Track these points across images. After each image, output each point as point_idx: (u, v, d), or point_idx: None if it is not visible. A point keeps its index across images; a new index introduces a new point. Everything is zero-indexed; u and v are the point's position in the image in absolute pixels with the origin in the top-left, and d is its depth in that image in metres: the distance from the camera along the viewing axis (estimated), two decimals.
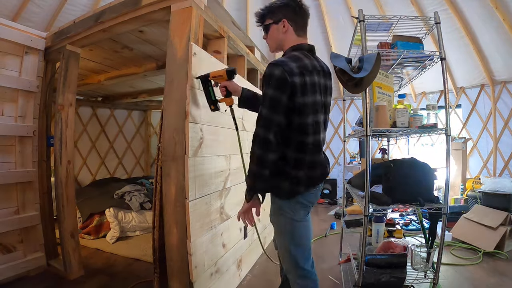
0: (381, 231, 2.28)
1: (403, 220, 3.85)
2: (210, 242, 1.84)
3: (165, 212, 1.68)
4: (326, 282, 2.33)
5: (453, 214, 3.50)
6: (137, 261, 2.74)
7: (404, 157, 2.32)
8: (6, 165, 2.24)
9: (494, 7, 3.80)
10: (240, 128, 2.34)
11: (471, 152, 4.98)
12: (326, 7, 5.16)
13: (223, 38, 2.24)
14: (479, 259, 2.67)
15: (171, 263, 1.67)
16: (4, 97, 2.24)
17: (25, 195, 2.36)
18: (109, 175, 5.54)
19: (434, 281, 1.81)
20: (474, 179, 4.41)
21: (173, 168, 1.64)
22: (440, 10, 4.06)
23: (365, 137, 1.78)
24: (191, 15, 1.70)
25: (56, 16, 4.16)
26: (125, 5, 1.94)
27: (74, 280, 2.32)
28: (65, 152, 2.33)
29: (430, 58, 2.03)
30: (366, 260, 1.85)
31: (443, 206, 1.74)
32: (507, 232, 2.80)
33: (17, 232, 2.29)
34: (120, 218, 3.37)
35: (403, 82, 2.60)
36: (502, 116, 4.65)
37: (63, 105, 2.34)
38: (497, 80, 4.69)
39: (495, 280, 2.28)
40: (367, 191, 1.73)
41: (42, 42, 2.45)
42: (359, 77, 1.58)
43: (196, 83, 1.70)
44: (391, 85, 2.10)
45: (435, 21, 1.89)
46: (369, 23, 1.98)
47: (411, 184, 1.80)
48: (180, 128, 1.63)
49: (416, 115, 1.85)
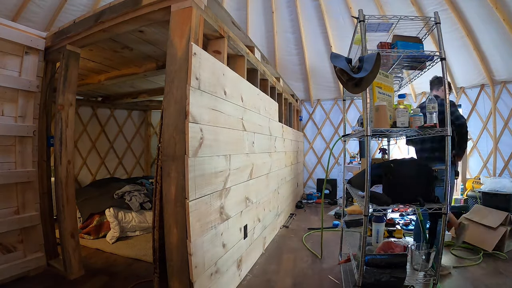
0: (381, 231, 2.28)
1: (403, 220, 3.85)
2: (210, 242, 1.84)
3: (165, 212, 1.68)
4: (326, 282, 2.33)
5: (453, 214, 3.49)
6: (137, 261, 2.74)
7: (404, 157, 2.32)
8: (6, 165, 2.24)
9: (494, 7, 3.80)
10: (240, 128, 2.36)
11: (471, 152, 4.99)
12: (326, 7, 5.16)
13: (223, 38, 2.24)
14: (479, 259, 2.67)
15: (171, 263, 1.67)
16: (4, 97, 2.24)
17: (25, 195, 2.36)
18: (109, 175, 5.54)
19: (434, 281, 1.81)
20: (474, 179, 4.42)
21: (173, 168, 1.64)
22: (440, 10, 4.07)
23: (365, 137, 1.78)
24: (191, 15, 1.70)
25: (56, 16, 4.16)
26: (125, 5, 1.95)
27: (74, 280, 2.32)
28: (65, 152, 2.33)
29: (430, 58, 2.03)
30: (366, 260, 1.84)
31: (443, 206, 1.74)
32: (507, 232, 2.80)
33: (17, 232, 2.29)
34: (120, 218, 3.38)
35: (403, 82, 2.60)
36: (502, 116, 4.65)
37: (63, 105, 2.34)
38: (497, 80, 4.69)
39: (495, 280, 2.28)
40: (367, 191, 1.73)
41: (42, 42, 2.45)
42: (359, 77, 1.58)
43: (196, 83, 1.70)
44: (391, 85, 2.09)
45: (435, 21, 1.89)
46: (369, 23, 1.98)
47: (411, 184, 1.80)
48: (180, 128, 1.63)
49: (416, 115, 1.85)
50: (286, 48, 5.90)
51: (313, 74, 6.09)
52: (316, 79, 6.15)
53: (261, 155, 2.90)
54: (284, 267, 2.63)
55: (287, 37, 5.77)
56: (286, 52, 5.94)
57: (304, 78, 6.20)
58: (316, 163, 6.41)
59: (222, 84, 2.05)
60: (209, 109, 1.85)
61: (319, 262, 2.73)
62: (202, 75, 1.76)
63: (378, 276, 1.80)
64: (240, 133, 2.36)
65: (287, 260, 2.79)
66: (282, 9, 5.47)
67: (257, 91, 2.92)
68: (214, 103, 1.92)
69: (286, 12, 5.50)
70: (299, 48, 5.80)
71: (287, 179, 4.34)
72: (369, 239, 2.32)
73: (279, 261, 2.76)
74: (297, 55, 5.92)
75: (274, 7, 5.44)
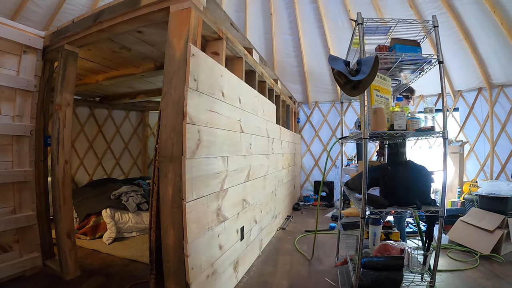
0: (378, 233, 2.28)
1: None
2: (207, 244, 1.84)
3: (162, 213, 1.67)
4: (322, 285, 2.33)
5: (450, 217, 3.51)
6: (134, 262, 2.73)
7: (401, 160, 2.32)
8: (3, 164, 2.23)
9: (492, 11, 3.83)
10: (238, 130, 2.36)
11: (468, 155, 5.01)
12: (324, 9, 5.18)
13: (221, 39, 2.24)
14: (476, 262, 2.67)
15: (167, 265, 1.67)
16: (2, 96, 2.23)
17: (22, 194, 2.34)
18: (106, 175, 5.52)
19: (431, 284, 1.81)
20: (471, 182, 4.43)
21: (171, 169, 1.64)
22: (438, 14, 4.09)
23: (362, 139, 1.79)
24: (189, 16, 1.70)
25: (55, 16, 4.15)
26: (124, 6, 1.95)
27: (70, 281, 2.31)
28: (62, 152, 2.32)
29: (428, 61, 2.04)
30: (363, 263, 1.85)
31: (440, 209, 1.74)
32: (503, 235, 2.81)
33: (13, 232, 2.28)
34: (116, 218, 3.36)
35: (401, 85, 2.61)
36: (499, 120, 4.68)
37: (61, 105, 2.34)
38: (494, 84, 4.72)
39: (492, 283, 2.29)
40: (364, 193, 1.73)
41: (40, 41, 2.45)
42: (357, 79, 1.58)
43: (194, 84, 1.70)
44: (389, 88, 2.10)
45: (433, 24, 1.90)
46: (368, 26, 1.99)
47: (408, 187, 1.81)
48: (178, 129, 1.62)
49: (414, 118, 1.86)
50: (285, 50, 5.91)
51: (311, 76, 6.10)
52: (314, 81, 6.16)
53: (258, 157, 2.90)
54: (280, 269, 2.62)
55: (285, 39, 5.78)
56: (284, 54, 5.95)
57: (302, 80, 6.21)
58: (314, 166, 6.41)
59: (220, 85, 2.05)
60: (207, 111, 1.85)
61: (316, 264, 2.72)
62: (200, 76, 1.76)
63: (374, 278, 1.80)
64: (237, 134, 2.35)
65: (283, 262, 2.78)
66: (280, 11, 5.49)
67: (255, 93, 2.92)
68: (212, 104, 1.92)
69: (284, 14, 5.52)
70: (297, 50, 5.82)
71: (284, 181, 4.34)
72: (366, 241, 2.32)
73: (275, 263, 2.75)
74: (295, 57, 5.93)
75: (272, 9, 5.46)
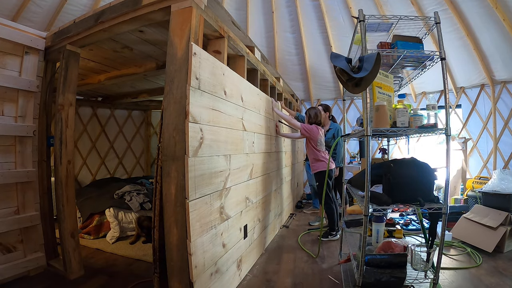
0: (381, 231, 2.28)
1: (403, 220, 3.85)
2: (210, 242, 1.84)
3: (165, 212, 1.68)
4: (326, 282, 2.33)
5: (453, 214, 3.50)
6: (137, 261, 2.74)
7: (404, 157, 2.32)
8: (6, 165, 2.25)
9: (494, 7, 3.80)
10: (240, 128, 2.36)
11: (471, 152, 4.99)
12: (326, 7, 5.16)
13: (223, 38, 2.24)
14: (479, 259, 2.67)
15: (171, 263, 1.67)
16: (4, 97, 2.24)
17: (25, 195, 2.36)
18: (109, 175, 5.54)
19: (434, 281, 1.81)
20: (474, 179, 4.42)
21: (173, 168, 1.64)
22: (440, 10, 4.07)
23: (365, 137, 1.78)
24: (191, 15, 1.70)
25: (56, 16, 4.16)
26: (125, 5, 1.95)
27: (74, 280, 2.32)
28: (65, 152, 2.33)
29: (430, 58, 2.03)
30: (366, 260, 1.85)
31: (443, 206, 1.74)
32: (507, 232, 2.80)
33: (17, 232, 2.29)
34: (120, 218, 3.38)
35: (403, 82, 2.60)
36: (502, 116, 4.65)
37: (63, 105, 2.34)
38: (497, 80, 4.69)
39: (495, 280, 2.28)
40: (367, 191, 1.73)
41: (42, 42, 2.45)
42: (359, 77, 1.58)
43: (196, 82, 1.70)
44: (391, 85, 2.10)
45: (435, 21, 1.89)
46: (369, 23, 1.98)
47: (411, 184, 1.80)
48: (180, 128, 1.63)
49: (416, 115, 1.85)
50: (286, 48, 5.90)
51: (313, 74, 6.08)
52: (316, 79, 6.14)
53: (261, 155, 2.90)
54: (284, 267, 2.63)
55: (287, 37, 5.77)
56: (286, 52, 5.94)
57: (304, 78, 6.20)
58: None
59: (222, 84, 2.05)
60: (209, 109, 1.85)
61: (319, 262, 2.72)
62: (202, 75, 1.76)
63: (378, 276, 1.80)
64: (240, 133, 2.36)
65: (287, 260, 2.79)
66: (282, 9, 5.47)
67: (257, 91, 2.92)
68: (214, 103, 1.92)
69: (286, 12, 5.50)
70: (299, 48, 5.80)
71: (287, 179, 4.33)
72: (369, 239, 2.32)
73: (279, 261, 2.76)
74: (297, 55, 5.92)
75: (274, 7, 5.44)
